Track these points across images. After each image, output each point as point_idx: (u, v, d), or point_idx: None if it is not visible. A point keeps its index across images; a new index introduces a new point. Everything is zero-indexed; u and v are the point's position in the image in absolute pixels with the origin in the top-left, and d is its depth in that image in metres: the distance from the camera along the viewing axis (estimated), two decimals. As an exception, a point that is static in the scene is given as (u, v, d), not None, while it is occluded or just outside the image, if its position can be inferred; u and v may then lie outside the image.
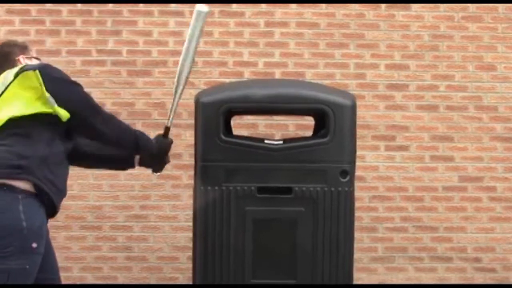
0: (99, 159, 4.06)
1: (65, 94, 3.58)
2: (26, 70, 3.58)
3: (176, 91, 4.05)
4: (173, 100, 4.07)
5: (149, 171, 6.10)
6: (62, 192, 3.68)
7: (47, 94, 3.52)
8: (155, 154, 4.00)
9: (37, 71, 3.54)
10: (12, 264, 3.43)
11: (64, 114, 3.56)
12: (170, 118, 4.07)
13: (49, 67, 3.69)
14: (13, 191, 3.46)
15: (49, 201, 3.57)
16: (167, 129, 4.06)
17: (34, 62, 3.85)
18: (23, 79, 3.54)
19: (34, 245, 3.47)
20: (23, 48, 3.89)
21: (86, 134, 3.79)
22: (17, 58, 3.81)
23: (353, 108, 4.44)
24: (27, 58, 3.84)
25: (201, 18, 4.04)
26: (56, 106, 3.54)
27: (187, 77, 4.06)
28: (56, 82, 3.59)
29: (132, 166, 4.13)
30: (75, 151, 3.86)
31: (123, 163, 4.14)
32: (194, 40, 4.04)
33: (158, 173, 4.21)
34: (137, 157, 4.05)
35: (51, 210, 3.64)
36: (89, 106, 3.67)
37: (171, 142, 4.07)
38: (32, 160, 3.49)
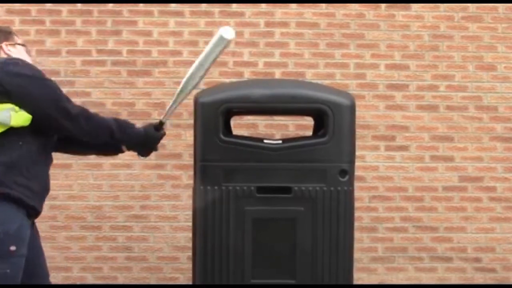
0: (86, 145, 3.94)
1: (23, 90, 3.48)
2: None
3: (178, 97, 4.04)
4: (173, 102, 4.05)
5: (149, 171, 6.17)
6: (39, 192, 3.60)
7: None
8: (140, 143, 3.95)
9: None
10: None
11: (23, 121, 3.48)
12: (166, 115, 4.06)
13: (11, 63, 3.58)
14: None
15: (23, 204, 3.50)
16: (160, 124, 4.03)
17: (18, 48, 3.78)
18: None
19: (13, 248, 3.43)
20: (7, 34, 3.79)
21: (54, 131, 3.68)
22: (0, 45, 3.73)
23: (352, 107, 4.44)
24: (10, 45, 3.76)
25: (223, 44, 3.96)
26: (11, 123, 3.45)
27: (193, 88, 4.06)
28: (19, 79, 3.50)
29: (120, 151, 4.05)
30: (62, 138, 3.80)
31: (110, 149, 4.07)
32: (210, 59, 3.99)
33: (143, 157, 4.14)
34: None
35: (33, 212, 3.58)
36: (54, 102, 3.55)
37: (163, 135, 4.04)
38: None
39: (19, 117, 3.48)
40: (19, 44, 3.81)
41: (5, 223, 3.43)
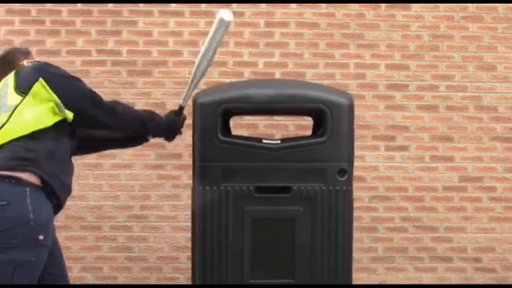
0: (114, 141, 4.18)
1: (64, 89, 3.66)
2: (27, 77, 3.66)
3: (191, 83, 4.20)
4: (188, 88, 4.20)
5: (149, 171, 6.18)
6: (68, 187, 3.74)
7: (59, 101, 3.62)
8: (165, 130, 4.12)
9: (41, 80, 3.62)
10: (18, 256, 3.46)
11: (68, 114, 3.66)
12: (184, 100, 4.20)
13: (46, 65, 3.78)
14: (21, 184, 3.51)
15: (54, 195, 3.62)
16: (181, 108, 4.19)
17: None
18: (34, 94, 3.62)
19: (41, 237, 3.51)
20: (26, 53, 3.98)
21: (91, 126, 3.89)
22: (20, 63, 3.87)
23: (351, 107, 4.44)
24: (30, 62, 3.88)
25: (224, 26, 4.19)
26: (66, 110, 3.64)
27: (203, 73, 4.22)
28: (55, 78, 3.67)
29: (145, 140, 4.23)
30: (89, 138, 4.01)
31: (135, 140, 4.23)
32: (214, 43, 4.20)
33: (169, 142, 4.38)
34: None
35: (57, 205, 3.68)
36: (89, 98, 3.75)
37: (184, 119, 4.20)
38: (39, 154, 3.56)
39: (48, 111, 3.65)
40: (36, 61, 3.94)
41: (38, 211, 3.52)
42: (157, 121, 4.03)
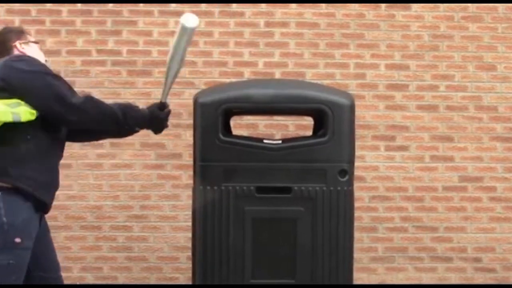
0: (99, 132, 4.03)
1: (26, 85, 3.54)
2: None
3: (165, 85, 3.99)
4: (164, 86, 3.99)
5: (149, 171, 6.17)
6: (49, 184, 3.67)
7: (12, 115, 3.51)
8: (147, 124, 3.92)
9: None
10: None
11: (29, 115, 3.53)
12: (163, 97, 3.99)
13: (13, 61, 3.65)
14: None
15: (32, 197, 3.56)
16: (162, 104, 3.97)
17: (32, 46, 3.87)
18: None
19: (18, 240, 3.48)
20: (19, 34, 3.88)
21: (59, 123, 3.71)
22: (13, 44, 3.82)
23: (352, 107, 4.44)
24: (23, 43, 3.84)
25: (187, 33, 3.81)
26: (22, 119, 3.50)
27: (177, 73, 3.98)
28: (23, 75, 3.57)
29: (134, 131, 3.99)
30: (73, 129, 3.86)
31: (122, 132, 4.03)
32: (179, 50, 3.87)
33: (157, 134, 4.12)
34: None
35: (41, 205, 3.63)
36: (54, 95, 3.58)
37: (168, 113, 3.97)
38: (5, 160, 3.50)
39: (25, 112, 3.53)
40: (32, 42, 3.90)
41: (12, 214, 3.48)
42: (133, 115, 3.81)
